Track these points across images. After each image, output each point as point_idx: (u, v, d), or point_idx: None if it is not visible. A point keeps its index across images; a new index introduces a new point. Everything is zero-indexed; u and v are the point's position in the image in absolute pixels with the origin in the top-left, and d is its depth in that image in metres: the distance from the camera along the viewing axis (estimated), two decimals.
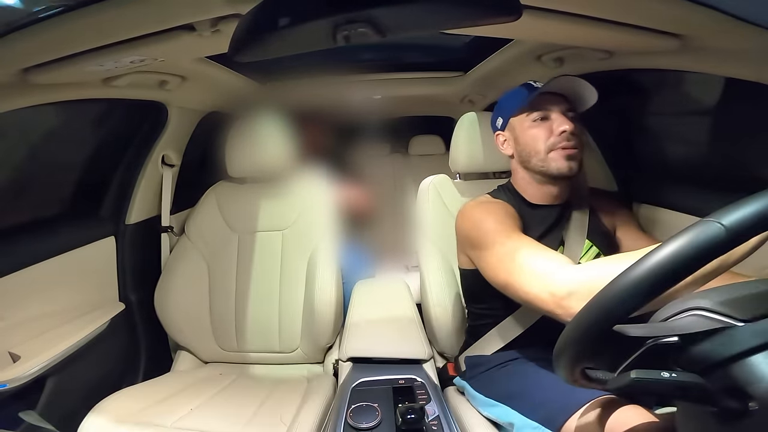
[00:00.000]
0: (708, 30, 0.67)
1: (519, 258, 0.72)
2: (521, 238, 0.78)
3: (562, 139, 0.88)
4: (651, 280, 0.38)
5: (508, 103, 0.98)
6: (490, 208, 0.89)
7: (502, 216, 0.86)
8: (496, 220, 0.84)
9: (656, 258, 0.38)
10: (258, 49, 0.56)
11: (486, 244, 0.82)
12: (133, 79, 0.97)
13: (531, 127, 0.92)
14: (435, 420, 0.78)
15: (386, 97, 1.93)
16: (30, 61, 0.76)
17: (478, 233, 0.85)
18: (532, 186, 0.95)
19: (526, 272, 0.70)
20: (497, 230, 0.82)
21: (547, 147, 0.89)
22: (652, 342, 0.40)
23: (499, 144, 1.00)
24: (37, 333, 1.01)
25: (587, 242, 0.91)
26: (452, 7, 0.48)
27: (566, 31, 0.77)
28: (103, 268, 1.26)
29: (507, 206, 0.92)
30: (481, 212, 0.89)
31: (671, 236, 0.38)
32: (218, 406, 1.03)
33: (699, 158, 1.12)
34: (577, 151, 0.89)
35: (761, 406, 0.36)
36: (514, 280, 0.72)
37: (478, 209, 0.91)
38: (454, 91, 1.75)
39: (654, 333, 0.41)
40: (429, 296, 1.08)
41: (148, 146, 1.32)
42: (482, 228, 0.85)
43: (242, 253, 1.31)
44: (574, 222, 0.93)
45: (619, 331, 0.41)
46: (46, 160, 1.15)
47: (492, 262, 0.79)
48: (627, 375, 0.40)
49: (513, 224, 0.84)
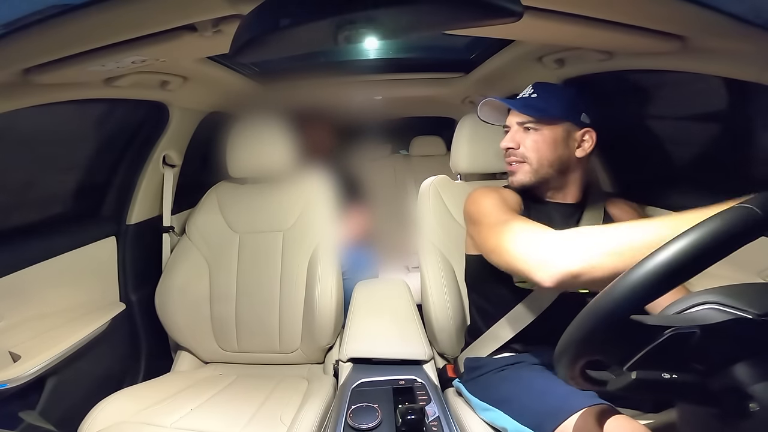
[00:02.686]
0: (709, 31, 0.67)
1: (509, 226, 0.77)
2: (516, 216, 0.82)
3: (506, 155, 0.96)
4: (679, 263, 0.37)
5: None
6: (495, 192, 0.94)
7: (504, 199, 0.91)
8: (497, 200, 0.89)
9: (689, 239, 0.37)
10: (259, 50, 0.56)
11: (482, 215, 0.87)
12: (134, 79, 0.98)
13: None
14: (435, 421, 0.78)
15: (387, 98, 1.93)
16: (32, 61, 0.76)
17: (478, 208, 0.90)
18: (543, 184, 0.96)
19: (509, 240, 0.74)
20: (495, 205, 0.87)
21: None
22: (671, 332, 0.39)
23: None
24: (37, 332, 1.02)
25: None
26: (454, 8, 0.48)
27: (567, 32, 0.77)
28: (104, 268, 1.26)
29: (514, 194, 0.96)
30: (485, 193, 0.93)
31: (703, 220, 0.38)
32: (218, 407, 1.03)
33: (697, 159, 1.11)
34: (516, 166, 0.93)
35: (762, 407, 0.36)
36: (501, 243, 0.76)
37: (483, 191, 0.95)
38: (455, 92, 1.75)
39: (673, 323, 0.40)
40: (429, 297, 1.08)
41: (150, 146, 1.33)
42: (482, 204, 0.90)
43: (243, 254, 1.31)
44: (585, 222, 0.93)
45: (637, 320, 0.40)
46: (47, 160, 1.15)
47: (484, 231, 0.84)
48: (628, 375, 0.39)
49: (513, 207, 0.89)
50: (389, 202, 2.24)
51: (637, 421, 0.63)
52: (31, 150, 1.10)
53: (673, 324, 0.40)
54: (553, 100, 0.91)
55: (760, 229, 0.36)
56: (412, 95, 1.86)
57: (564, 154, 0.91)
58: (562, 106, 0.90)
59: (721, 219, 0.37)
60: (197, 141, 1.50)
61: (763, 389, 0.36)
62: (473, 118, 1.15)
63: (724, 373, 0.38)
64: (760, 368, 0.37)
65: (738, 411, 0.37)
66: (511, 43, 1.15)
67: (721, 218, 0.37)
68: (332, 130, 1.88)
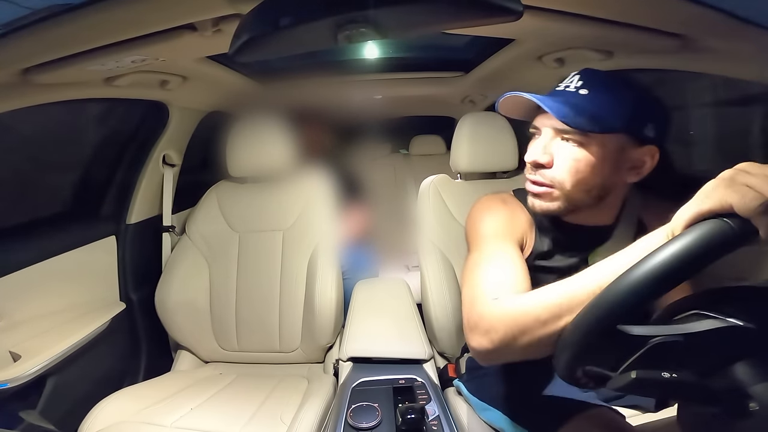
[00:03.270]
0: (709, 30, 0.67)
1: (477, 270, 0.67)
2: (499, 250, 0.69)
3: (528, 171, 0.72)
4: (654, 279, 0.38)
5: None
6: (503, 207, 0.79)
7: (503, 221, 0.76)
8: (493, 223, 0.75)
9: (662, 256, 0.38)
10: (259, 49, 0.56)
11: (472, 245, 0.76)
12: (134, 78, 0.98)
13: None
14: (435, 420, 0.78)
15: (387, 97, 1.93)
16: (31, 60, 0.76)
17: (471, 231, 0.79)
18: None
19: (466, 292, 0.66)
20: (485, 235, 0.74)
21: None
22: (656, 341, 0.40)
23: None
24: (37, 332, 1.02)
25: None
26: (454, 7, 0.48)
27: (567, 31, 0.77)
28: (104, 268, 1.27)
29: (519, 212, 0.79)
30: (485, 211, 0.80)
31: (678, 234, 0.38)
32: (218, 406, 1.03)
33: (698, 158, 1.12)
34: (543, 190, 0.69)
35: (761, 406, 0.36)
36: (462, 289, 0.69)
37: (486, 205, 0.81)
38: (455, 91, 1.75)
39: (657, 332, 0.41)
40: (429, 296, 1.08)
41: (149, 146, 1.33)
42: (475, 227, 0.78)
43: (243, 253, 1.31)
44: (610, 247, 0.73)
45: (622, 330, 0.41)
46: (47, 160, 1.15)
47: (466, 267, 0.73)
48: (628, 375, 0.40)
49: (509, 233, 0.74)
50: (389, 201, 2.24)
51: (631, 424, 0.63)
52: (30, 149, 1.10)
53: (656, 333, 0.41)
54: (611, 103, 0.64)
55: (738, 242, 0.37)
56: (411, 94, 1.86)
57: (611, 178, 0.67)
58: (623, 112, 0.64)
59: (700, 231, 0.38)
60: (197, 140, 1.50)
61: (763, 389, 0.36)
62: (473, 117, 1.15)
63: (724, 372, 0.38)
64: (759, 368, 0.37)
65: (738, 410, 0.37)
66: (511, 42, 1.14)
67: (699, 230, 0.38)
68: (328, 130, 1.88)
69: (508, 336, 0.54)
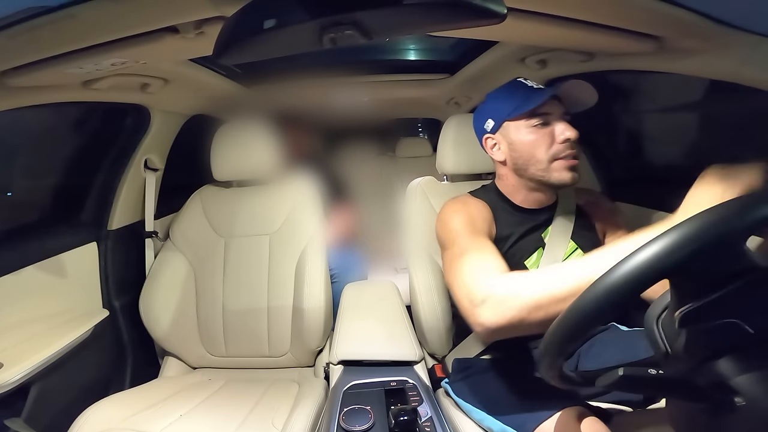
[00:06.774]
0: (684, 31, 0.69)
1: (461, 261, 0.73)
2: (475, 242, 0.78)
3: (565, 149, 0.83)
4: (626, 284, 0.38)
5: (501, 105, 0.90)
6: (463, 208, 0.88)
7: (471, 217, 0.86)
8: (463, 220, 0.84)
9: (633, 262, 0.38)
10: (243, 52, 0.55)
11: (447, 243, 0.84)
12: (114, 81, 0.96)
13: (530, 132, 0.85)
14: (428, 421, 0.78)
15: (373, 100, 1.93)
16: (8, 63, 0.74)
17: (443, 232, 0.87)
18: (522, 192, 0.92)
19: (459, 276, 0.71)
20: (459, 231, 0.82)
21: (550, 156, 0.84)
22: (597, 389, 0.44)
23: (488, 148, 0.94)
24: (19, 340, 0.99)
25: (572, 243, 0.89)
26: (438, 10, 0.48)
27: (549, 33, 0.79)
28: (86, 275, 1.23)
29: (482, 207, 0.90)
30: (452, 211, 0.88)
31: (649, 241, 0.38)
32: (208, 412, 1.01)
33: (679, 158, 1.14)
34: (578, 161, 0.85)
35: (747, 401, 0.36)
36: (451, 282, 0.75)
37: (451, 208, 0.90)
38: (440, 93, 1.76)
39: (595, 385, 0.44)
40: (418, 297, 1.08)
41: (130, 150, 1.30)
42: (447, 227, 0.86)
43: (229, 258, 1.29)
44: (558, 224, 0.91)
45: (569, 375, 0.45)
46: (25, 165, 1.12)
47: (446, 262, 0.82)
48: (615, 372, 0.40)
49: (479, 226, 0.84)
50: (376, 203, 2.24)
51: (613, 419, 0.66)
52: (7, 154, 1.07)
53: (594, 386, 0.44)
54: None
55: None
56: (397, 97, 1.86)
57: None
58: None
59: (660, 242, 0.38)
60: (180, 144, 1.48)
61: (748, 384, 0.37)
62: (459, 120, 1.16)
63: (710, 368, 0.39)
64: (743, 363, 0.38)
65: (724, 405, 0.38)
66: (495, 44, 1.16)
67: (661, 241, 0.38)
68: (314, 132, 1.88)
69: (523, 311, 0.57)
